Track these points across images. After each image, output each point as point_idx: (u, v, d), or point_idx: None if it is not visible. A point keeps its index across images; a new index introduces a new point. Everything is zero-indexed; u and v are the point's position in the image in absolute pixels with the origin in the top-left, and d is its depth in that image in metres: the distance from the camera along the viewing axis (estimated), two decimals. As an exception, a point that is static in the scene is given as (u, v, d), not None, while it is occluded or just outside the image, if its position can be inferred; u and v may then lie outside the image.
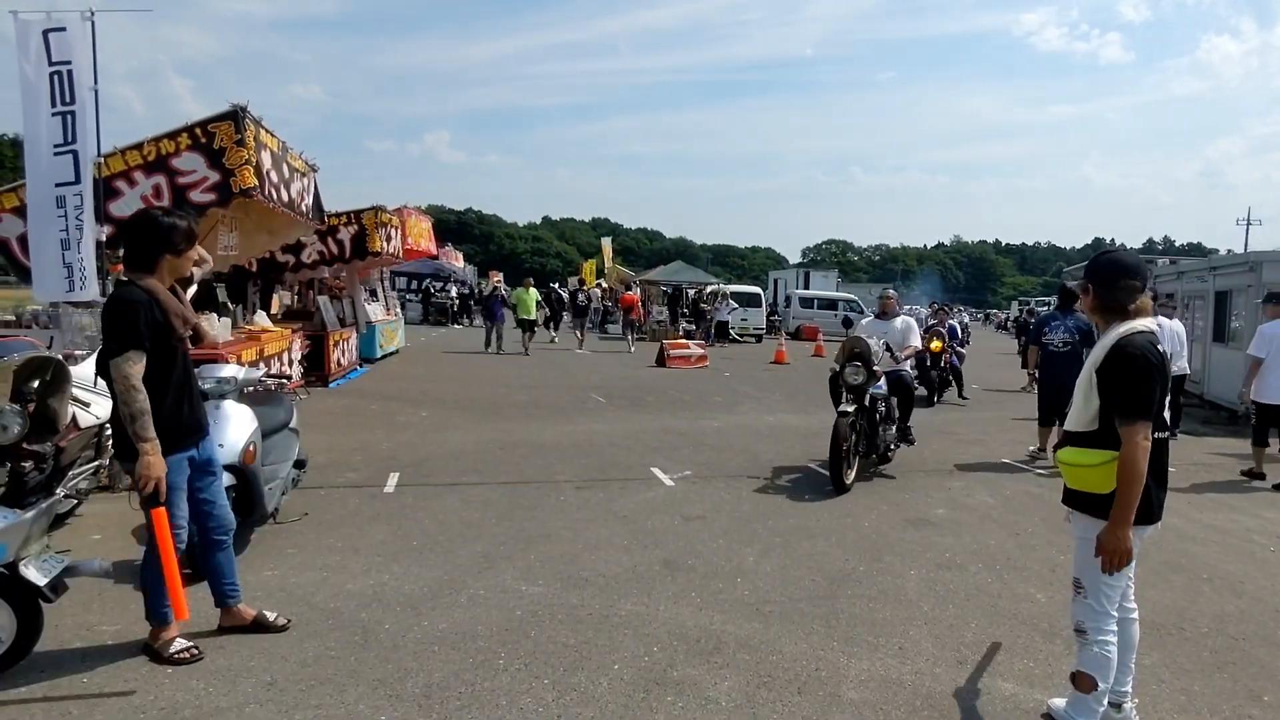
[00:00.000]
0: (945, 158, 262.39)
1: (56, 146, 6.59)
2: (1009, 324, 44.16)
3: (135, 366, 3.14)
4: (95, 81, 6.68)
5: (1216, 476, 7.84)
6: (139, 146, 7.36)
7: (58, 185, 6.60)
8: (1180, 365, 8.82)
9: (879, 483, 7.09)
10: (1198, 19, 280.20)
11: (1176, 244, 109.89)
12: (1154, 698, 3.38)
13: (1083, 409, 2.88)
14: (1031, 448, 8.68)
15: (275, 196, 8.34)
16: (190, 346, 3.45)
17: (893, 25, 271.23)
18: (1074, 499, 2.93)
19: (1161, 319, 8.58)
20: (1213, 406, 12.45)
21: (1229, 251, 17.48)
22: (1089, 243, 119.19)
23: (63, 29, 6.53)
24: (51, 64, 6.53)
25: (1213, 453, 9.12)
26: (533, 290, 19.89)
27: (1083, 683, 2.90)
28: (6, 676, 3.18)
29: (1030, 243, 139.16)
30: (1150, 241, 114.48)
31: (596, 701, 3.18)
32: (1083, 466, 2.85)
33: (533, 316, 19.64)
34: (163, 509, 3.21)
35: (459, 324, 30.85)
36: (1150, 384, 2.72)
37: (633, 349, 20.78)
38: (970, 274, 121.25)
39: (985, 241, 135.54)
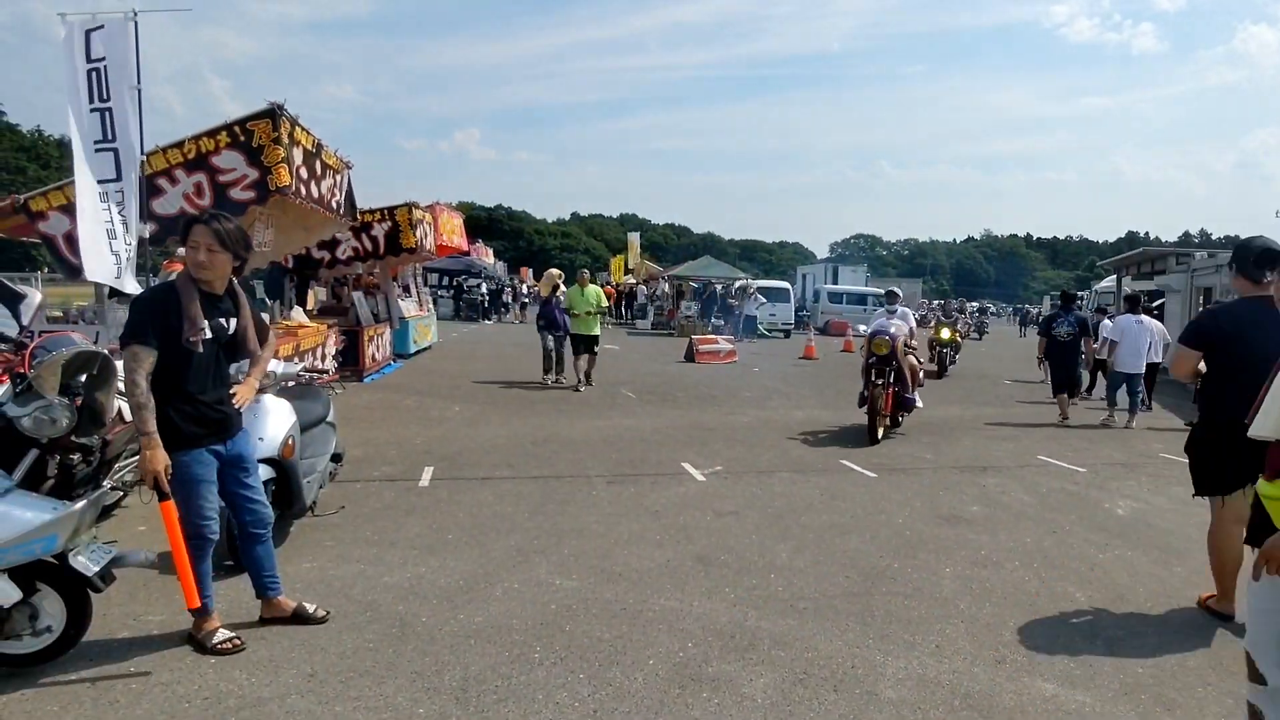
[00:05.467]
0: (975, 151, 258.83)
1: (97, 143, 6.71)
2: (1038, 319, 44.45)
3: (137, 362, 3.18)
4: (138, 81, 6.79)
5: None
6: (180, 145, 7.48)
7: (100, 182, 6.73)
8: (1154, 356, 10.57)
9: (912, 478, 7.01)
10: (1234, 7, 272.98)
11: (1213, 237, 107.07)
12: (1200, 701, 3.30)
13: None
14: (1058, 416, 10.79)
15: (304, 193, 8.44)
16: (199, 348, 3.35)
17: (921, 19, 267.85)
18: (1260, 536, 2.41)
19: (1144, 318, 10.70)
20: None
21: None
22: (1122, 236, 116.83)
23: (101, 27, 6.66)
24: (90, 61, 6.66)
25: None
26: (591, 287, 12.53)
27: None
28: (58, 664, 3.27)
29: (1062, 236, 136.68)
30: (1186, 234, 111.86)
31: (632, 697, 3.19)
32: None
33: (594, 331, 12.36)
34: (170, 502, 3.26)
35: (489, 320, 31.12)
36: None
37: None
38: (1001, 268, 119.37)
39: (1016, 235, 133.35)
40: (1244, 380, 3.74)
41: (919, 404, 9.47)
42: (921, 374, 9.61)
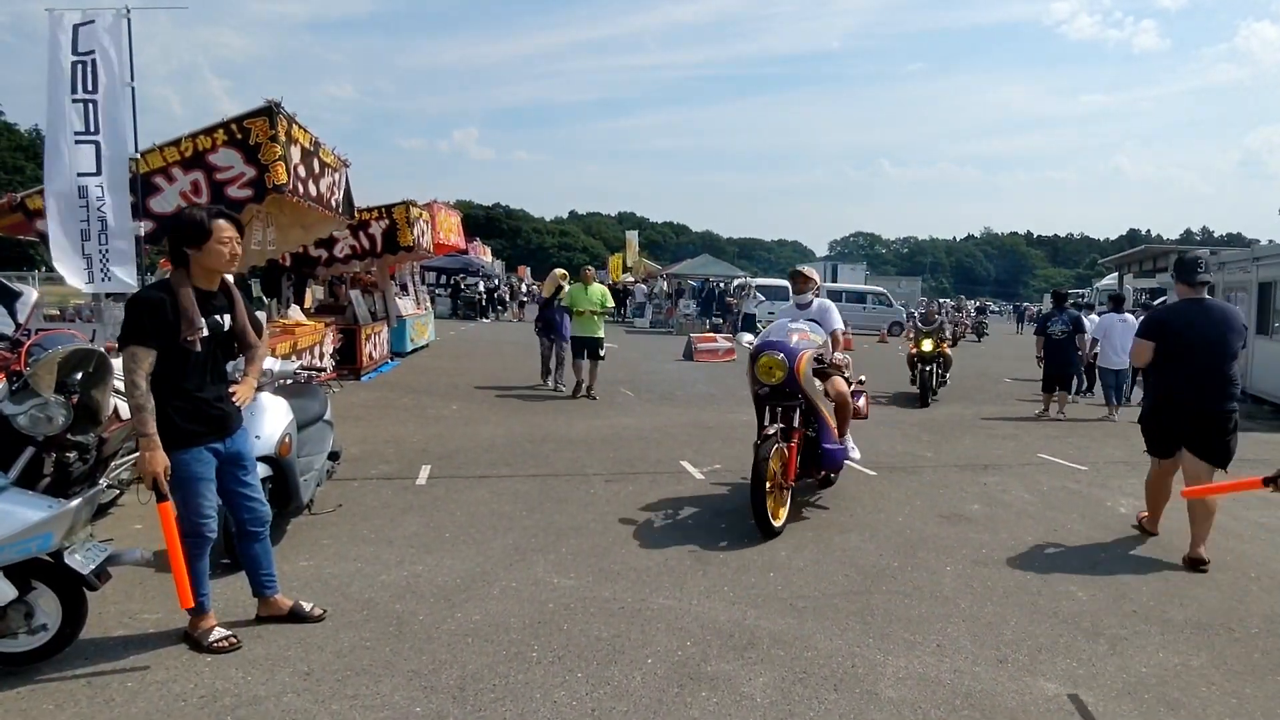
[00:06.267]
0: (975, 149, 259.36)
1: (78, 134, 6.63)
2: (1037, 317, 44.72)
3: (136, 363, 3.16)
4: (132, 79, 6.75)
5: (1262, 472, 7.62)
6: (176, 143, 7.44)
7: (80, 175, 6.67)
8: None
9: (912, 476, 6.99)
10: (1235, 4, 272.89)
11: (1215, 235, 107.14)
12: (1204, 701, 3.28)
13: None
14: (1037, 410, 11.10)
15: (302, 191, 8.41)
16: (197, 346, 3.33)
17: (921, 17, 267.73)
18: None
19: (1128, 316, 11.13)
20: (1256, 400, 12.14)
21: (1270, 242, 17.02)
22: (1124, 234, 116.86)
23: (91, 22, 6.62)
24: (77, 53, 6.60)
25: (1257, 447, 8.88)
26: (596, 285, 11.42)
27: None
28: (53, 662, 3.25)
29: (1063, 234, 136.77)
30: (1188, 232, 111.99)
31: (630, 695, 3.17)
32: None
33: (597, 333, 11.17)
34: (168, 503, 3.23)
35: (486, 318, 31.10)
36: None
37: None
38: (1001, 266, 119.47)
39: (1016, 233, 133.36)
40: (1184, 364, 4.99)
41: (853, 454, 6.19)
42: (863, 400, 6.54)
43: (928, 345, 12.09)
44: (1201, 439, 4.96)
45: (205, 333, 3.37)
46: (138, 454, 5.43)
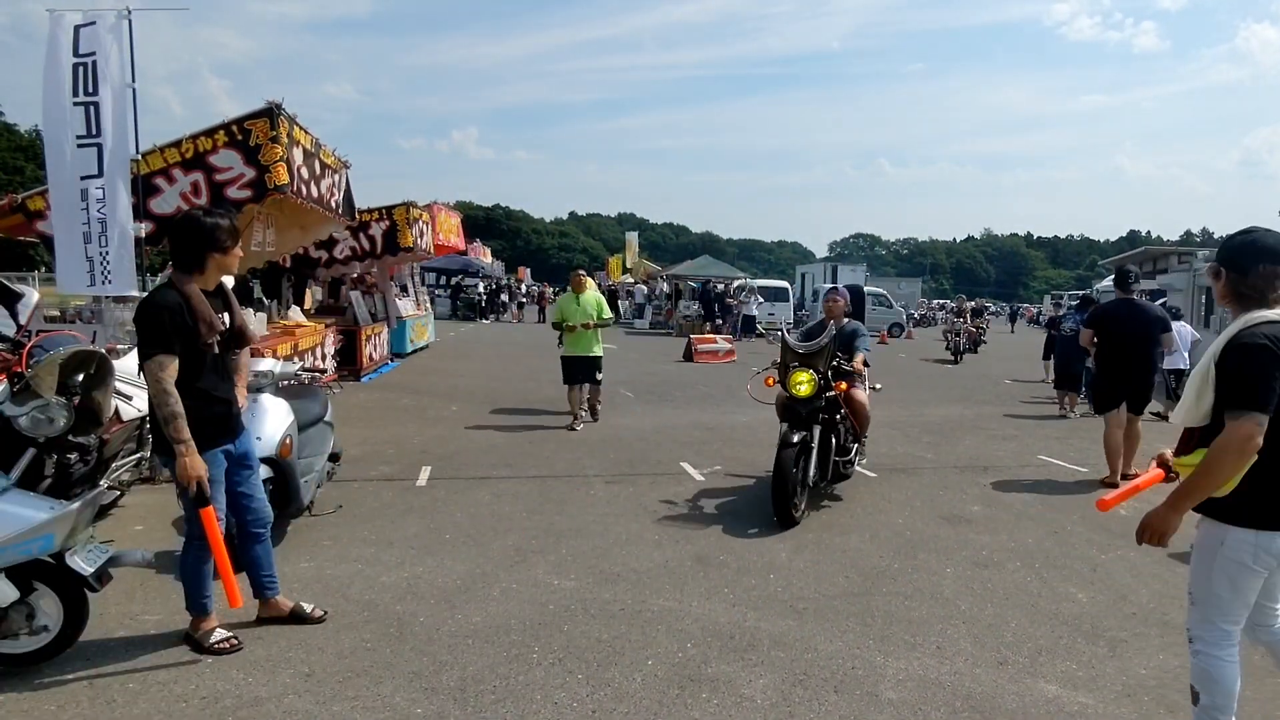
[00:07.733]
0: (975, 150, 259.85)
1: (79, 138, 6.60)
2: (1040, 318, 44.91)
3: (164, 370, 3.17)
4: (133, 79, 6.75)
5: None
6: (177, 144, 7.44)
7: (82, 178, 6.65)
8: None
9: (912, 478, 7.00)
10: (1235, 5, 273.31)
11: (1215, 235, 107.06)
12: (1202, 701, 3.28)
13: (1193, 405, 2.64)
14: (1057, 409, 11.45)
15: (305, 192, 8.41)
16: (215, 349, 3.40)
17: (921, 17, 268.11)
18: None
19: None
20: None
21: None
22: (1124, 235, 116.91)
23: (92, 23, 6.60)
24: (77, 55, 6.58)
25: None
26: (590, 294, 9.26)
27: (1192, 695, 2.76)
28: (55, 663, 3.26)
29: (1063, 235, 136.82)
30: (1188, 233, 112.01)
31: (631, 697, 3.17)
32: (1194, 467, 2.62)
33: (594, 351, 9.09)
34: (210, 507, 3.25)
35: (486, 319, 31.12)
36: (1267, 374, 2.40)
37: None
38: (1001, 267, 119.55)
39: (1016, 234, 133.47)
40: (1117, 350, 6.88)
41: None
42: None
43: (803, 385, 5.63)
44: (1130, 398, 6.90)
45: (225, 329, 3.41)
46: (138, 455, 5.45)
